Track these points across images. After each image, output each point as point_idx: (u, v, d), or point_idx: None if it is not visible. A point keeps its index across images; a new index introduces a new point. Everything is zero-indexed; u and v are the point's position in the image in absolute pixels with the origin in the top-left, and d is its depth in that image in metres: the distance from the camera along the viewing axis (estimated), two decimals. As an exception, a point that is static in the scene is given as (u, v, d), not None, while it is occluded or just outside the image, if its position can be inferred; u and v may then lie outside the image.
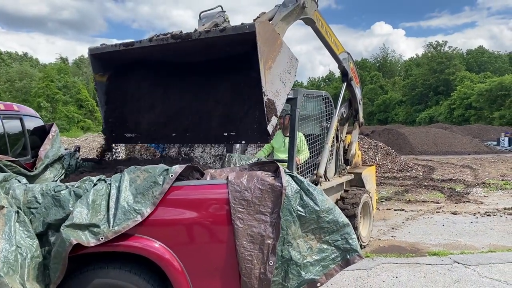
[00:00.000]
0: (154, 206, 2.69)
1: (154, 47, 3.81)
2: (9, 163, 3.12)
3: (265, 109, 3.45)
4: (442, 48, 65.43)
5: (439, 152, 24.26)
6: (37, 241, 2.64)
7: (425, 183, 12.82)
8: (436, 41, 76.59)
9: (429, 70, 61.63)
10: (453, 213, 8.53)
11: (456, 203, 9.67)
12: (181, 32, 3.74)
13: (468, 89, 51.75)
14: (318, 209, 2.77)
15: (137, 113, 4.34)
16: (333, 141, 6.01)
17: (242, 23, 3.51)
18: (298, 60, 4.08)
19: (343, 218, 2.89)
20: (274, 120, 3.56)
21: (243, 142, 3.96)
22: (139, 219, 2.64)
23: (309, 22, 5.12)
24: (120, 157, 3.62)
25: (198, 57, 4.21)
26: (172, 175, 2.77)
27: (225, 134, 3.83)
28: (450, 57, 61.90)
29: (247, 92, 3.86)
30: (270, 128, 3.51)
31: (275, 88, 3.61)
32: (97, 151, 4.49)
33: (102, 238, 2.56)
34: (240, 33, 3.42)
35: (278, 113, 3.66)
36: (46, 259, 2.63)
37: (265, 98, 3.45)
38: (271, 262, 2.68)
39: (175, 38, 3.67)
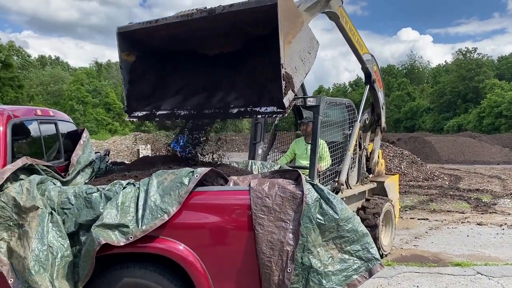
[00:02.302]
0: (180, 205, 2.79)
1: (180, 25, 3.90)
2: (44, 167, 3.30)
3: (282, 82, 3.42)
4: (472, 55, 63.89)
5: (466, 161, 23.68)
6: (68, 241, 2.79)
7: (451, 192, 12.58)
8: (465, 47, 74.94)
9: (458, 77, 60.18)
10: (478, 224, 8.39)
11: (482, 213, 9.48)
12: (205, 7, 3.89)
13: (499, 97, 50.33)
14: (338, 217, 2.82)
15: (158, 91, 4.44)
16: (355, 149, 6.03)
17: None
18: (319, 43, 4.08)
19: (362, 227, 2.94)
20: (290, 94, 3.52)
21: (260, 116, 4.00)
22: (166, 218, 2.75)
23: (334, 17, 5.17)
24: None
25: (221, 36, 4.29)
26: (197, 175, 2.89)
27: (242, 109, 3.88)
28: (481, 64, 60.35)
29: (266, 70, 3.90)
30: (286, 102, 3.48)
31: (293, 63, 3.60)
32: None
33: (131, 238, 2.69)
34: (262, 5, 3.43)
35: (296, 89, 3.63)
36: (77, 257, 2.78)
37: (282, 71, 3.41)
38: (289, 269, 2.73)
39: (199, 12, 3.81)
